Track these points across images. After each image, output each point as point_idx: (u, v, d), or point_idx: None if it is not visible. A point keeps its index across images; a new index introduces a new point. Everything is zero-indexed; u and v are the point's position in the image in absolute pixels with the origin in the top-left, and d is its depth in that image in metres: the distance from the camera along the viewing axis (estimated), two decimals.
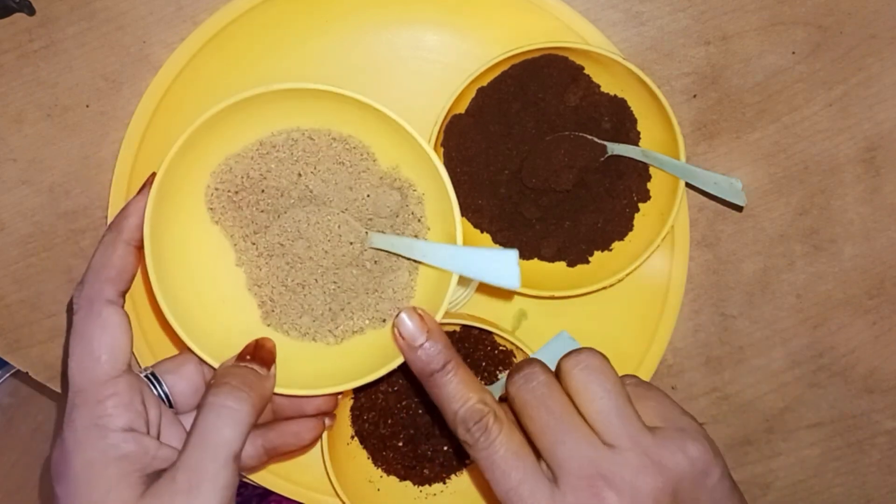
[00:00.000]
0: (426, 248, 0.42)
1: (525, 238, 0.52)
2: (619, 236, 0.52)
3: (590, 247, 0.52)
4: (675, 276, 0.55)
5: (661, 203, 0.51)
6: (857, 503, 0.61)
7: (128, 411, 0.37)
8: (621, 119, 0.51)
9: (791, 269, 0.57)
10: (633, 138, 0.51)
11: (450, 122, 0.50)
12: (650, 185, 0.52)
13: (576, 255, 0.52)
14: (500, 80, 0.50)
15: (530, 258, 0.53)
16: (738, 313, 0.57)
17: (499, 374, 0.53)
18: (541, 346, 0.46)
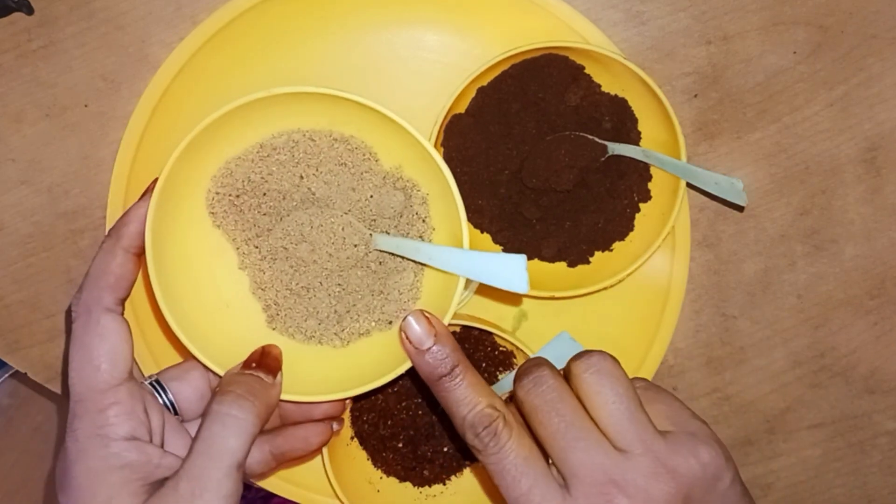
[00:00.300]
0: (433, 251, 0.41)
1: (525, 238, 0.52)
2: (620, 236, 0.52)
3: (590, 247, 0.52)
4: (675, 276, 0.55)
5: (662, 203, 0.51)
6: None
7: (130, 420, 0.37)
8: (622, 119, 0.51)
9: (792, 270, 0.57)
10: (633, 138, 0.51)
11: (450, 122, 0.50)
12: (651, 186, 0.52)
13: (576, 256, 0.52)
14: (501, 79, 0.50)
15: (531, 258, 0.53)
16: (739, 314, 0.57)
17: (499, 374, 0.53)
18: (541, 347, 0.46)
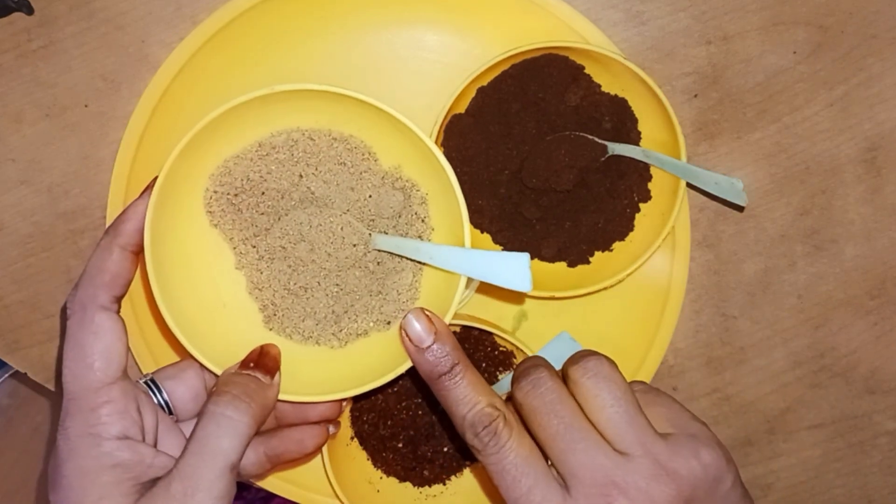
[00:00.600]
0: (433, 251, 0.41)
1: (525, 238, 0.52)
2: (620, 236, 0.52)
3: (590, 247, 0.52)
4: (676, 276, 0.55)
5: (662, 203, 0.51)
6: None
7: (122, 419, 0.37)
8: (622, 119, 0.51)
9: (792, 270, 0.57)
10: (633, 138, 0.51)
11: (450, 122, 0.50)
12: (651, 186, 0.52)
13: (576, 256, 0.52)
14: (501, 79, 0.50)
15: (531, 258, 0.52)
16: (739, 314, 0.57)
17: (499, 374, 0.53)
18: (541, 347, 0.46)
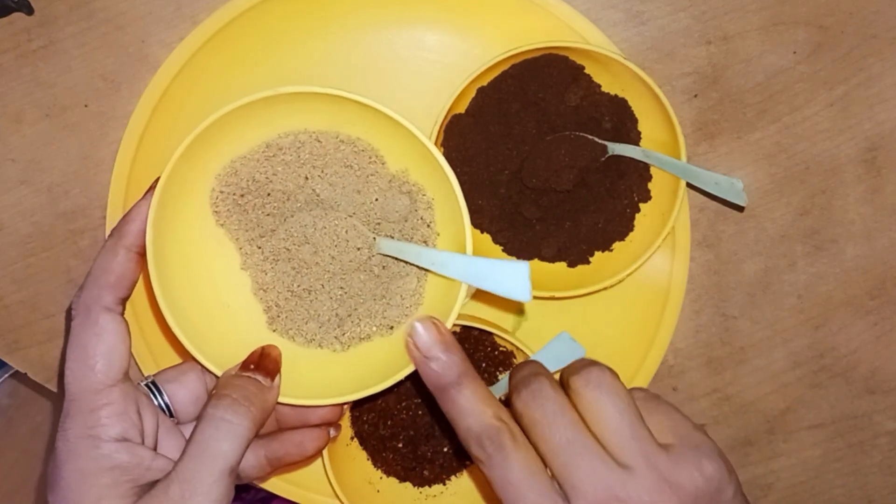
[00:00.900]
0: (436, 257, 0.41)
1: (525, 238, 0.52)
2: (620, 236, 0.52)
3: (590, 247, 0.52)
4: (675, 276, 0.55)
5: (662, 203, 0.51)
6: None
7: (122, 421, 0.37)
8: (622, 119, 0.51)
9: (792, 270, 0.57)
10: (633, 138, 0.51)
11: (450, 122, 0.50)
12: (651, 186, 0.52)
13: (576, 256, 0.52)
14: (500, 80, 0.50)
15: (531, 258, 0.53)
16: (739, 314, 0.57)
17: (499, 375, 0.53)
18: (541, 347, 0.46)
